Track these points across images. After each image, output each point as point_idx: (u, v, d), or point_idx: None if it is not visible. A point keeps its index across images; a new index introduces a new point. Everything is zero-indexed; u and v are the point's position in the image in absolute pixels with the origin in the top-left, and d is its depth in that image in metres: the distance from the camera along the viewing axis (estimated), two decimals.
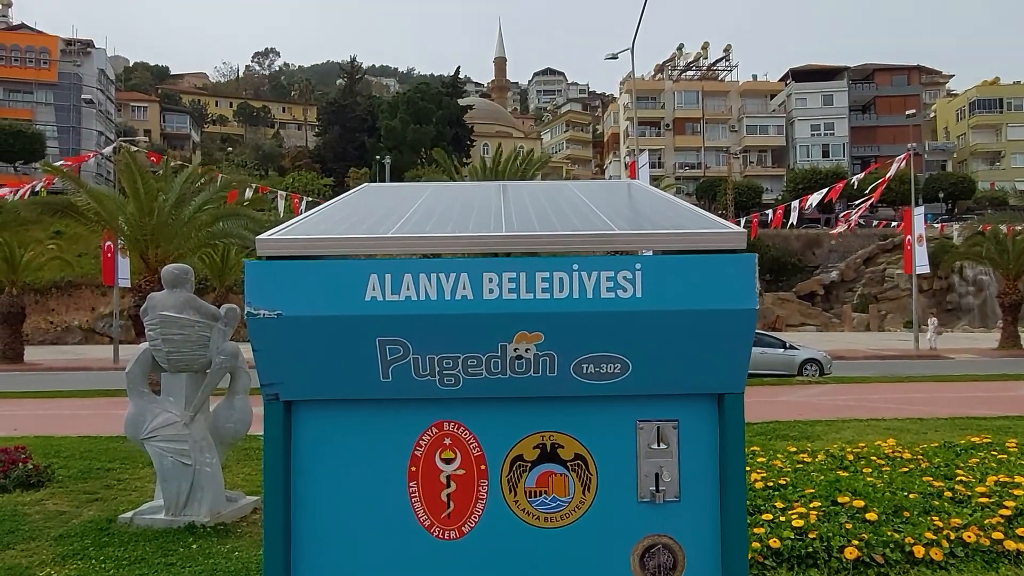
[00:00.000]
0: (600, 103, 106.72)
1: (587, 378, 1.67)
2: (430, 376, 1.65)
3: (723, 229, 1.62)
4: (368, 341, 1.61)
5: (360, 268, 1.62)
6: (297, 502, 1.72)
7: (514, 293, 1.60)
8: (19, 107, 61.46)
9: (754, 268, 1.61)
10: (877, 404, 13.67)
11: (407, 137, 64.86)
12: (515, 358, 1.63)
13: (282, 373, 1.64)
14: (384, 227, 1.73)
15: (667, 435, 1.72)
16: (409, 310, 1.60)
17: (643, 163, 22.00)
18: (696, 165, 70.92)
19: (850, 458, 7.55)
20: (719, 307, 1.60)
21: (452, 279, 1.60)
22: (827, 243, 51.97)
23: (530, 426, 1.75)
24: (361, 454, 1.73)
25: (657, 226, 1.69)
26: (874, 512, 5.37)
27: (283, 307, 1.59)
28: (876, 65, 71.93)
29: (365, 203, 2.10)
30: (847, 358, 27.28)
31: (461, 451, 1.74)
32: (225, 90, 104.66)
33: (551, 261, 1.60)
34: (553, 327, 1.60)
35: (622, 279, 1.60)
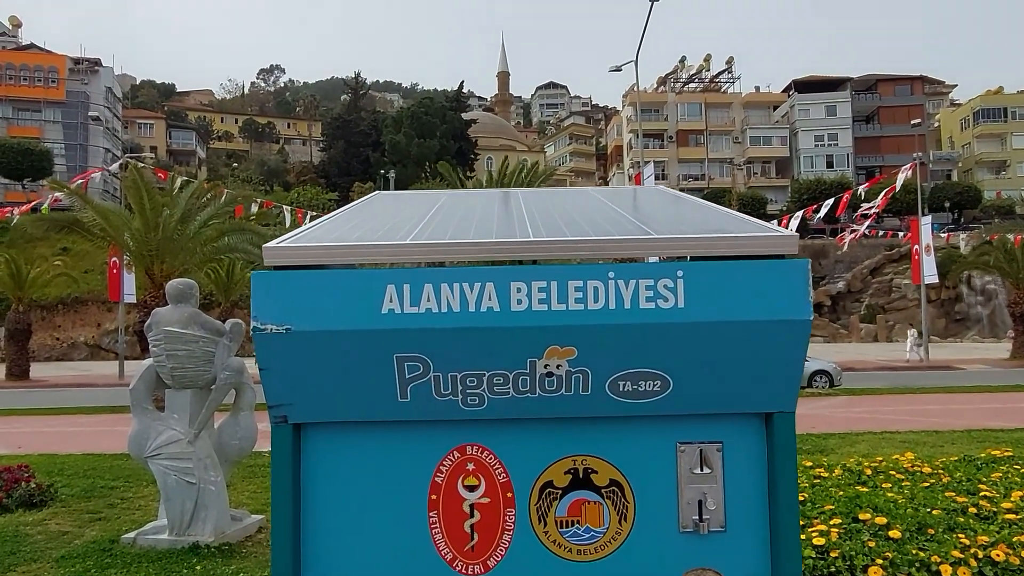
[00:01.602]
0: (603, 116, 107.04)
1: (624, 397, 1.52)
2: (452, 396, 1.51)
3: (772, 233, 1.48)
4: (385, 358, 1.47)
5: (377, 278, 1.48)
6: (307, 534, 1.57)
7: (544, 304, 1.46)
8: (27, 125, 61.94)
9: (807, 274, 1.46)
10: (890, 416, 13.47)
11: (411, 151, 65.04)
12: (545, 375, 1.49)
13: (291, 393, 1.50)
14: (401, 234, 1.59)
15: (711, 458, 1.56)
16: (430, 323, 1.46)
17: (648, 174, 21.93)
18: (700, 177, 70.89)
19: (868, 472, 7.37)
20: (770, 318, 1.45)
21: (477, 289, 1.46)
22: (833, 253, 51.77)
23: (561, 450, 1.60)
24: (377, 481, 1.59)
25: (699, 230, 1.54)
26: (897, 529, 5.20)
27: (293, 321, 1.46)
28: (879, 75, 71.96)
29: (377, 210, 1.97)
30: (856, 369, 27.01)
31: (486, 477, 1.59)
32: (230, 107, 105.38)
33: (585, 269, 1.46)
34: (587, 341, 1.46)
35: (663, 288, 1.46)
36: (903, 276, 46.42)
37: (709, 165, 71.52)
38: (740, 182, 66.81)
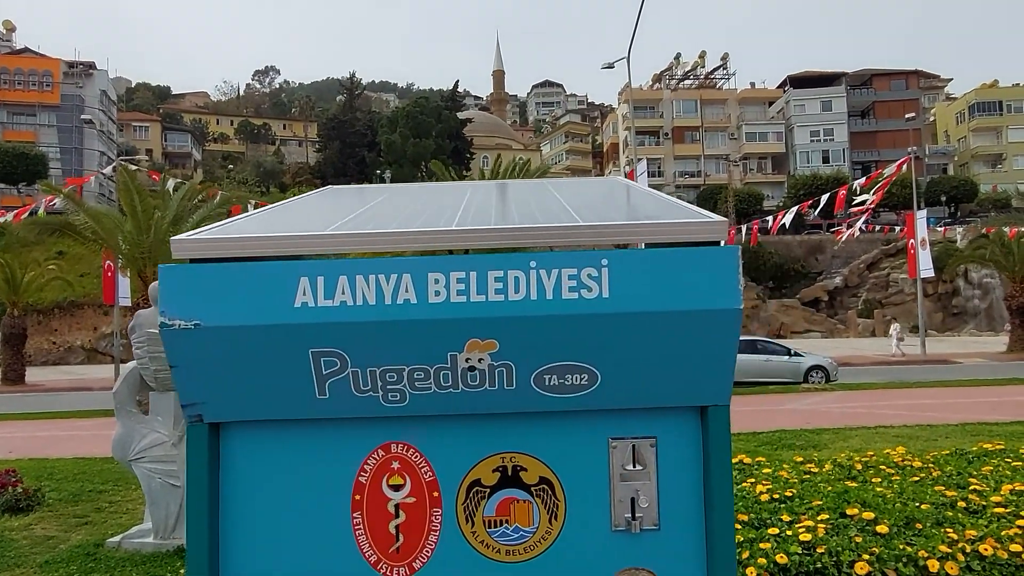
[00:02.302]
0: (599, 114, 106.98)
1: (550, 391, 1.47)
2: (372, 392, 1.45)
3: (701, 218, 1.42)
4: (300, 353, 1.42)
5: (289, 271, 1.42)
6: (226, 536, 1.51)
7: (463, 296, 1.41)
8: (22, 129, 61.90)
9: (738, 262, 1.40)
10: (885, 411, 13.44)
11: (407, 151, 64.98)
12: (467, 369, 1.43)
13: (205, 391, 1.45)
14: (321, 225, 1.54)
15: (644, 454, 1.51)
16: (345, 317, 1.40)
17: (641, 171, 21.87)
18: (696, 173, 70.85)
19: (858, 467, 7.33)
20: (698, 307, 1.39)
21: (393, 281, 1.41)
22: (830, 249, 51.75)
23: (488, 447, 1.54)
24: (299, 481, 1.53)
25: (628, 217, 1.49)
26: (885, 524, 5.16)
27: (201, 316, 1.40)
28: (874, 70, 71.92)
29: (317, 204, 1.91)
30: (853, 364, 27.00)
31: (411, 476, 1.53)
32: (226, 108, 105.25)
33: (505, 258, 1.41)
34: (508, 334, 1.41)
35: (586, 277, 1.40)
36: (900, 271, 46.42)
37: (705, 162, 71.48)
38: (736, 178, 66.75)
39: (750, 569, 4.63)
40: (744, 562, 4.70)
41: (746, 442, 10.05)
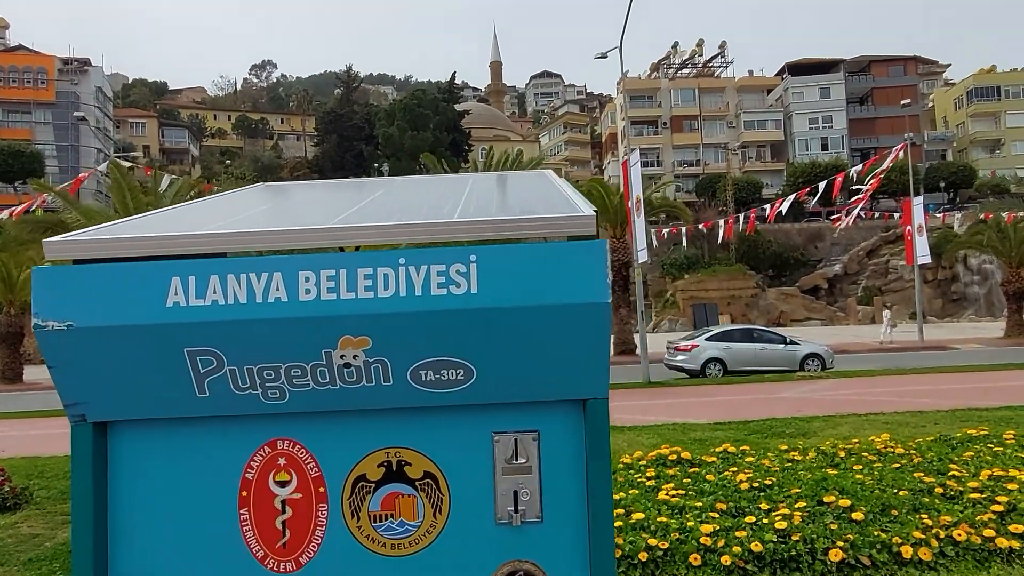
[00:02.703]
0: (598, 104, 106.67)
1: (427, 386, 1.48)
2: (251, 389, 1.46)
3: (569, 213, 1.43)
4: (175, 352, 1.43)
5: (160, 270, 1.43)
6: (115, 536, 1.52)
7: (333, 293, 1.42)
8: (18, 127, 61.83)
9: (605, 256, 1.41)
10: (879, 398, 13.45)
11: (404, 144, 64.87)
12: (343, 366, 1.44)
13: (85, 392, 1.46)
14: (199, 225, 1.54)
15: (527, 448, 1.52)
16: (217, 316, 1.41)
17: (635, 162, 21.77)
18: (695, 162, 70.67)
19: (841, 455, 7.35)
20: (566, 302, 1.40)
21: (264, 280, 1.42)
22: (829, 237, 51.67)
23: (374, 442, 1.56)
24: (186, 479, 1.54)
25: (503, 212, 1.49)
26: (861, 511, 5.18)
27: (74, 317, 1.41)
28: (872, 57, 71.56)
29: (224, 203, 1.92)
30: (851, 351, 26.99)
31: (297, 472, 1.55)
32: (223, 103, 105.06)
33: (374, 255, 1.41)
34: (381, 330, 1.42)
35: (455, 273, 1.41)
36: (899, 257, 46.32)
37: (704, 151, 71.26)
38: (735, 167, 66.58)
39: (725, 557, 4.65)
40: (719, 550, 4.72)
41: (736, 431, 10.06)
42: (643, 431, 10.20)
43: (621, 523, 5.03)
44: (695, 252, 50.07)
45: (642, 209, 20.40)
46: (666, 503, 5.60)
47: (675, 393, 16.20)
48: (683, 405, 13.83)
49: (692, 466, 7.11)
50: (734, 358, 20.28)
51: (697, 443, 9.03)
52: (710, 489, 6.06)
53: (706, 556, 4.72)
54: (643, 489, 6.16)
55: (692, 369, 20.19)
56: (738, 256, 50.69)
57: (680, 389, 17.02)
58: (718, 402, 14.18)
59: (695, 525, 5.01)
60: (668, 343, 22.08)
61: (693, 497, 5.77)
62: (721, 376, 19.73)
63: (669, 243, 46.28)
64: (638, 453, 7.63)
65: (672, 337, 26.91)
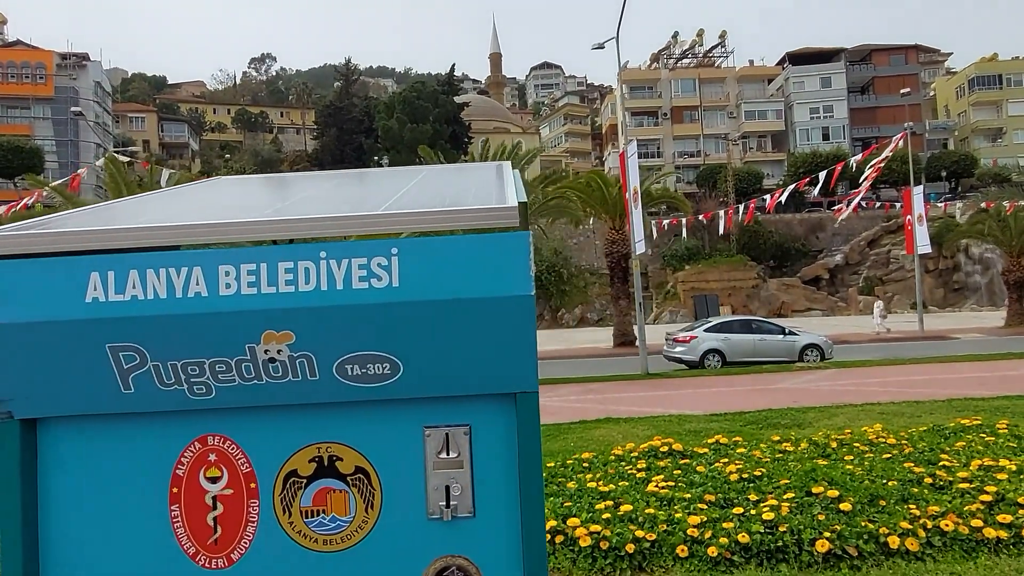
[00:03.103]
0: (598, 95, 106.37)
1: (354, 381, 1.46)
2: (177, 385, 1.45)
3: (492, 204, 1.41)
4: (97, 348, 1.42)
5: (78, 265, 1.42)
6: (45, 535, 1.51)
7: (254, 288, 1.40)
8: (17, 123, 61.79)
9: (528, 248, 1.39)
10: (876, 388, 13.42)
11: (404, 137, 64.77)
12: (267, 361, 1.43)
13: (9, 388, 1.45)
14: (128, 219, 1.53)
15: (458, 442, 1.50)
16: (137, 311, 1.40)
17: (632, 153, 21.71)
18: (696, 153, 70.46)
19: (833, 446, 7.34)
20: (488, 295, 1.38)
21: (184, 274, 1.40)
22: (830, 227, 51.52)
23: (304, 437, 1.54)
24: (117, 476, 1.53)
25: (431, 204, 1.47)
26: (849, 502, 5.17)
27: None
28: (873, 46, 71.20)
29: (173, 196, 1.90)
30: (851, 342, 26.94)
31: (228, 468, 1.53)
32: (223, 97, 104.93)
33: (294, 249, 1.40)
34: (303, 325, 1.40)
35: (376, 266, 1.39)
36: (901, 247, 46.18)
37: (704, 141, 71.04)
38: (736, 157, 66.39)
39: (712, 548, 4.65)
40: (706, 541, 4.71)
41: (731, 422, 10.04)
42: (638, 423, 10.20)
43: (609, 515, 5.03)
44: (696, 243, 49.98)
45: (640, 200, 20.35)
46: (655, 495, 5.59)
47: (673, 384, 16.20)
48: (680, 396, 13.83)
49: (683, 457, 7.10)
50: (733, 349, 20.27)
51: (691, 434, 9.02)
52: (700, 481, 6.06)
53: (693, 547, 4.73)
54: (633, 481, 6.15)
55: (691, 360, 20.19)
56: (739, 247, 50.60)
57: (678, 380, 17.01)
58: (715, 393, 14.17)
59: (683, 517, 5.01)
60: (667, 334, 22.08)
61: (682, 489, 5.76)
62: (720, 367, 19.74)
63: (670, 234, 46.20)
64: (630, 445, 7.63)
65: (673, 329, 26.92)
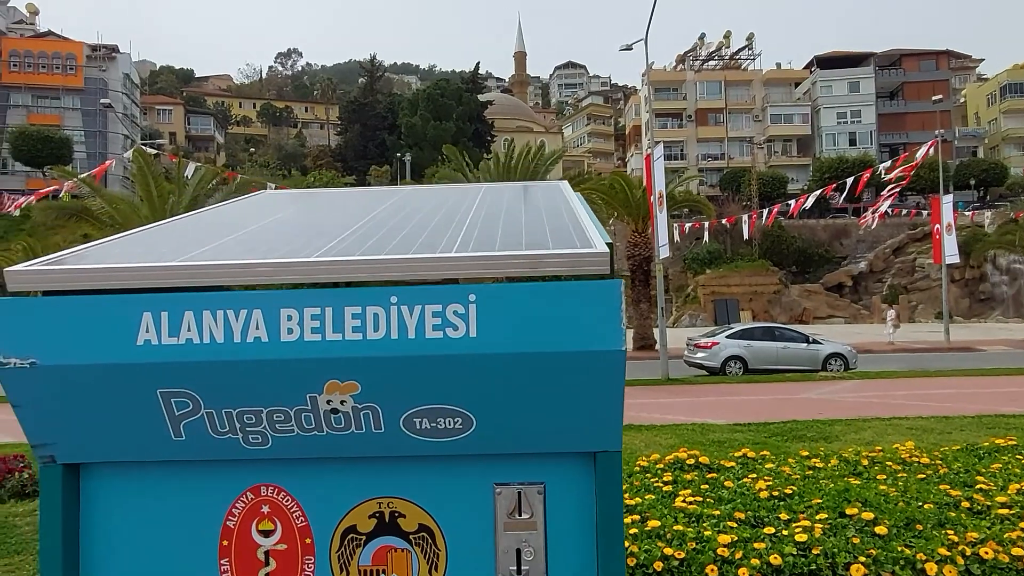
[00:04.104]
0: (622, 95, 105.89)
1: (422, 435, 1.34)
2: (231, 434, 1.34)
3: (581, 248, 1.28)
4: (148, 394, 1.31)
5: (131, 305, 1.31)
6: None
7: (318, 334, 1.29)
8: (47, 113, 62.57)
9: (620, 298, 1.26)
10: (902, 401, 13.15)
11: (427, 134, 64.82)
12: (330, 412, 1.31)
13: (52, 432, 1.35)
14: (183, 252, 1.42)
15: (531, 502, 1.38)
16: (191, 356, 1.29)
17: (658, 156, 21.48)
18: (719, 156, 69.87)
19: (864, 463, 7.15)
20: (575, 348, 1.25)
21: (243, 317, 1.29)
22: (855, 233, 50.84)
23: (364, 491, 1.43)
24: (164, 527, 1.43)
25: (507, 245, 1.35)
26: (884, 525, 5.01)
27: (38, 354, 1.29)
28: (903, 50, 70.15)
29: (217, 217, 1.80)
30: (874, 351, 26.52)
31: (282, 521, 1.42)
32: (248, 91, 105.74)
33: (363, 293, 1.28)
34: (370, 375, 1.28)
35: (452, 314, 1.27)
36: (926, 255, 45.49)
37: (729, 144, 70.40)
38: (760, 161, 65.72)
39: (743, 570, 4.50)
40: (737, 562, 4.57)
41: (756, 433, 9.87)
42: (661, 431, 10.05)
43: (636, 530, 4.92)
44: (717, 247, 49.55)
45: (664, 204, 20.14)
46: (683, 511, 5.46)
47: (694, 391, 15.99)
48: (702, 404, 13.63)
49: (710, 471, 6.96)
50: (755, 356, 20.00)
51: (716, 445, 8.87)
52: (728, 497, 5.92)
53: (723, 568, 4.59)
54: (659, 494, 6.02)
55: (712, 367, 19.95)
56: (761, 252, 50.10)
57: (699, 387, 16.80)
58: (738, 402, 13.96)
59: (712, 535, 4.87)
60: (688, 339, 21.83)
61: (711, 505, 5.63)
62: (741, 374, 19.48)
63: (691, 237, 45.82)
64: (655, 455, 7.48)
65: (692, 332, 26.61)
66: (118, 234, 1.61)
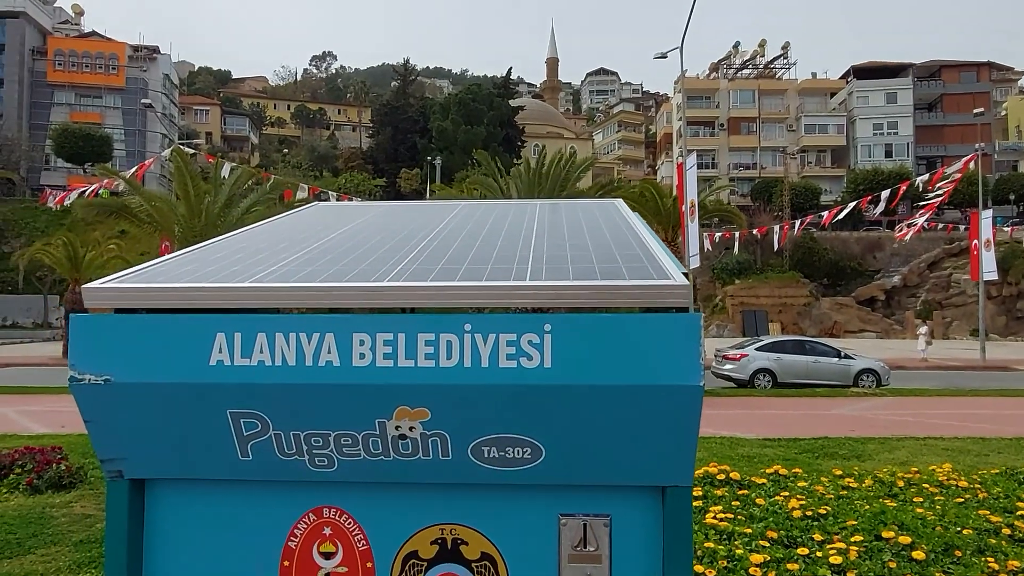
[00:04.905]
0: (654, 103, 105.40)
1: (490, 463, 1.33)
2: (298, 456, 1.34)
3: (659, 280, 1.25)
4: (218, 413, 1.31)
5: (204, 324, 1.31)
6: None
7: (390, 360, 1.27)
8: (89, 111, 64.07)
9: (699, 332, 1.23)
10: (936, 420, 12.86)
11: (458, 138, 65.11)
12: (398, 437, 1.30)
13: (122, 448, 1.36)
14: (254, 271, 1.42)
15: (597, 534, 1.35)
16: (262, 378, 1.29)
17: (691, 165, 21.34)
18: (751, 165, 69.18)
19: (900, 484, 7.01)
20: (651, 382, 1.23)
21: (315, 340, 1.28)
22: (889, 246, 49.96)
23: (427, 517, 1.41)
24: (226, 545, 1.42)
25: (580, 275, 1.33)
26: (922, 550, 4.90)
27: (113, 371, 1.30)
28: (943, 62, 68.88)
29: (269, 236, 1.80)
30: (907, 368, 25.99)
31: (343, 544, 1.41)
32: (283, 93, 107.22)
33: (437, 319, 1.27)
34: (440, 403, 1.27)
35: (527, 344, 1.25)
36: (963, 271, 44.55)
37: (761, 154, 69.68)
38: (793, 171, 64.92)
39: None
40: None
41: (786, 448, 9.71)
42: None
43: None
44: (747, 257, 49.02)
45: (696, 214, 19.98)
46: (714, 528, 5.39)
47: (722, 404, 15.80)
48: (730, 417, 13.46)
49: (741, 488, 6.86)
50: (785, 370, 19.71)
51: (745, 460, 8.74)
52: (760, 515, 5.83)
53: None
54: None
55: (740, 379, 19.72)
56: (792, 263, 49.46)
57: (728, 400, 16.59)
58: (767, 416, 13.76)
59: (744, 553, 4.80)
60: (716, 351, 21.59)
61: (742, 523, 5.55)
62: (770, 388, 19.22)
63: (720, 247, 45.40)
64: None
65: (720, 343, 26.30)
66: (182, 250, 1.62)
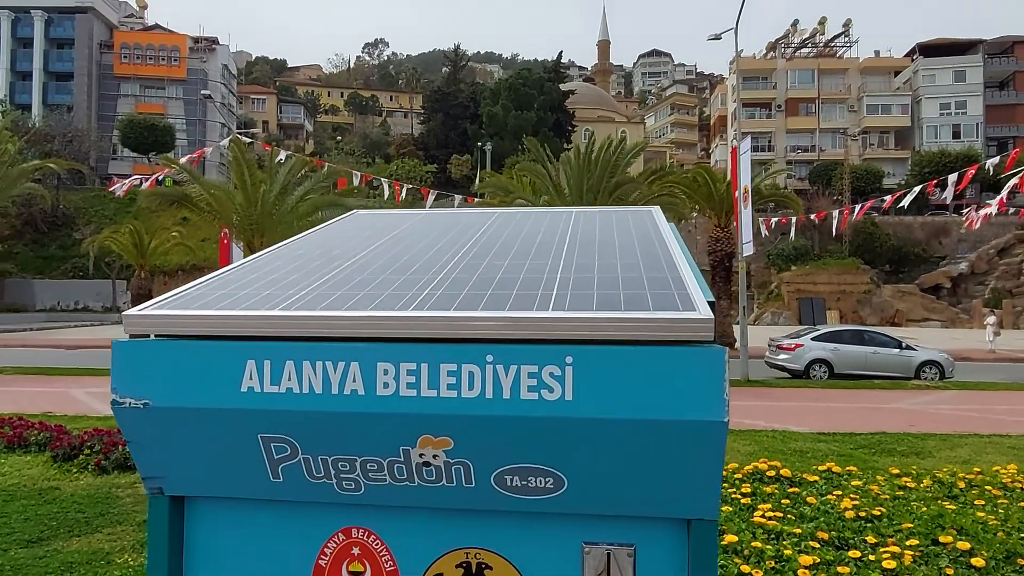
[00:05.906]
0: (708, 84, 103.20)
1: (513, 492, 1.34)
2: (326, 479, 1.38)
3: (684, 313, 1.24)
4: (249, 437, 1.36)
5: (235, 352, 1.36)
6: None
7: (413, 389, 1.30)
8: (152, 102, 66.35)
9: (724, 366, 1.21)
10: (1003, 416, 12.37)
11: (508, 124, 65.08)
12: (422, 464, 1.33)
13: (161, 467, 1.42)
14: (286, 294, 1.46)
15: (620, 563, 1.35)
16: (291, 405, 1.33)
17: (745, 149, 20.84)
18: (810, 148, 67.25)
19: (961, 486, 6.79)
20: (673, 417, 1.22)
21: (340, 369, 1.32)
22: (956, 232, 48.04)
23: (452, 540, 1.43)
24: (261, 560, 1.48)
25: (604, 303, 1.32)
26: (982, 557, 4.75)
27: (151, 395, 1.36)
28: (1016, 37, 65.41)
29: (312, 247, 1.84)
30: (973, 359, 25.06)
31: (371, 564, 1.45)
32: (337, 81, 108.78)
33: (458, 350, 1.28)
34: (463, 432, 1.29)
35: (548, 376, 1.25)
36: None
37: (820, 135, 67.66)
38: (854, 154, 62.84)
39: None
40: None
41: (840, 444, 9.50)
42: (739, 436, 9.78)
43: None
44: (804, 243, 47.79)
45: (750, 200, 19.52)
46: (762, 526, 5.32)
47: (776, 395, 15.50)
48: (784, 409, 13.20)
49: (792, 485, 6.75)
50: (842, 361, 19.21)
51: (797, 455, 8.58)
52: (811, 514, 5.72)
53: None
54: (737, 507, 5.87)
55: (795, 369, 19.30)
56: (852, 249, 48.01)
57: (781, 391, 16.27)
58: (822, 408, 13.45)
59: (793, 554, 4.72)
60: (770, 340, 21.17)
61: (792, 522, 5.45)
62: (826, 379, 18.77)
63: (776, 232, 44.34)
64: (733, 464, 7.30)
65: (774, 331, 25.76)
66: (219, 271, 1.68)
